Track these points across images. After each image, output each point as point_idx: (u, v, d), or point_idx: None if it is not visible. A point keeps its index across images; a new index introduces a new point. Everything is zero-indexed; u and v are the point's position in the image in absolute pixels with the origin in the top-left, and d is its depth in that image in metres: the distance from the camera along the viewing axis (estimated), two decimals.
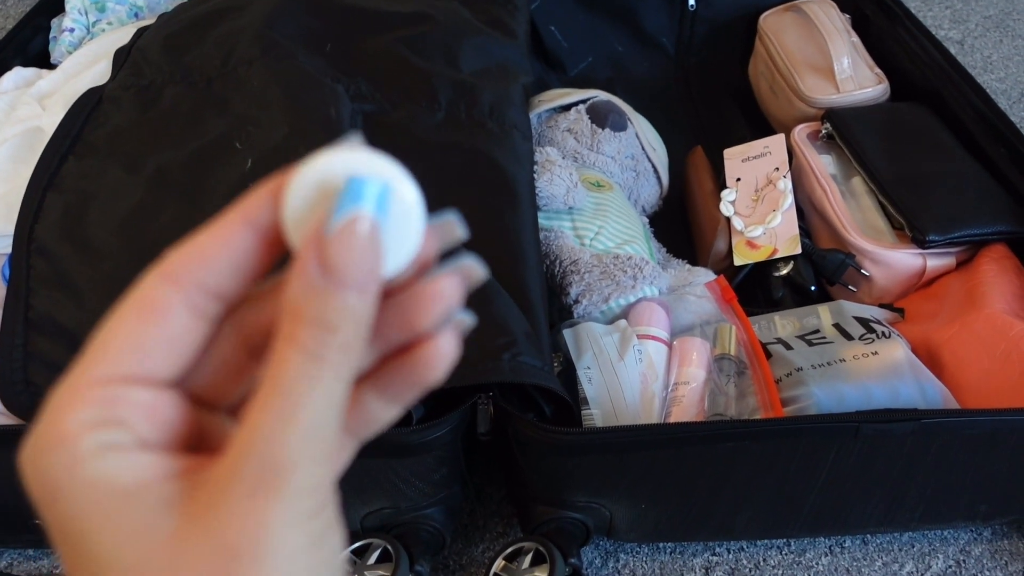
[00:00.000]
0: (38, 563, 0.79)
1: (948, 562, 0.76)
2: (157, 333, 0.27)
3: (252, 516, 0.25)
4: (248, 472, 0.26)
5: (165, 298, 0.27)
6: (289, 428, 0.26)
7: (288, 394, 0.26)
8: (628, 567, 0.77)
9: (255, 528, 0.25)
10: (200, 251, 0.27)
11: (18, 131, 0.94)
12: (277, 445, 0.26)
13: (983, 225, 0.87)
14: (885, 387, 0.75)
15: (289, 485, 0.26)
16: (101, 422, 0.26)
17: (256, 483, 0.25)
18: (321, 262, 0.26)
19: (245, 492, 0.25)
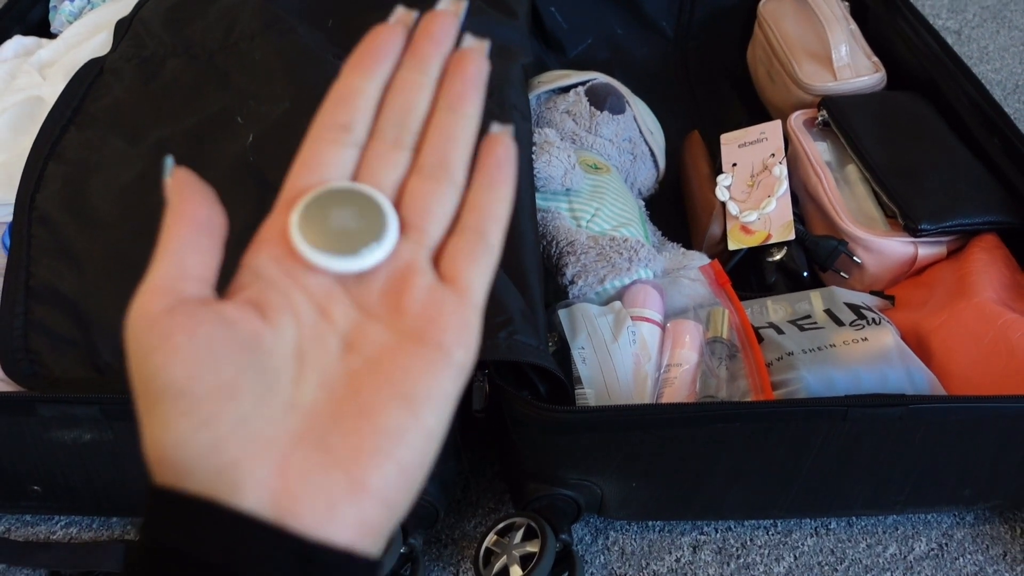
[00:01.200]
0: (35, 529, 0.80)
1: (931, 545, 0.77)
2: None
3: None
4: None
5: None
6: None
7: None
8: (617, 544, 0.78)
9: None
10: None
11: (18, 100, 0.94)
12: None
13: (974, 215, 0.88)
14: (874, 372, 0.76)
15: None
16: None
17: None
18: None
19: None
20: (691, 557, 0.77)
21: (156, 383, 0.30)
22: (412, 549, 0.73)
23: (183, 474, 0.29)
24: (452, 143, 0.36)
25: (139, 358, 0.31)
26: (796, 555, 0.77)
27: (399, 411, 0.32)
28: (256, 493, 0.29)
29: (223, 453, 0.29)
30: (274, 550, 0.29)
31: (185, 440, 0.29)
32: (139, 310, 0.31)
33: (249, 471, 0.30)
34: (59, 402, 0.68)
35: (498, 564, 0.72)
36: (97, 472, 0.73)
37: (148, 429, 0.30)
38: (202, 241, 0.33)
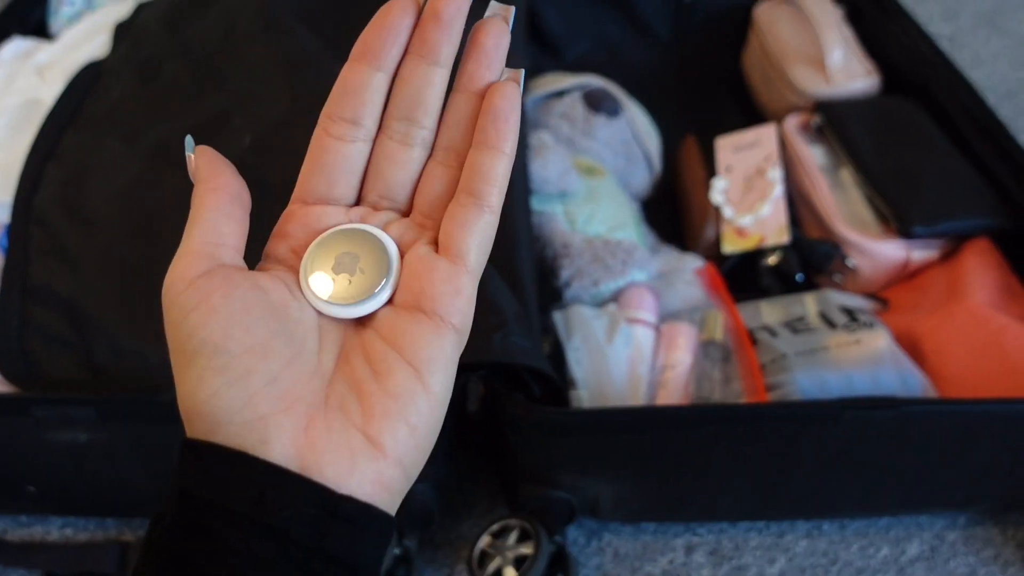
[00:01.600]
0: (31, 529, 0.80)
1: (923, 547, 0.78)
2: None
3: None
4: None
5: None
6: None
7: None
8: (611, 546, 0.79)
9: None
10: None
11: (17, 102, 0.94)
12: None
13: (967, 219, 0.89)
14: (867, 375, 0.77)
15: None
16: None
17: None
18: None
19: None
20: (685, 559, 0.78)
21: (193, 341, 0.32)
22: (407, 551, 0.73)
23: (215, 427, 0.32)
24: (467, 137, 0.37)
25: (177, 318, 0.33)
26: (789, 557, 0.77)
27: (406, 376, 0.34)
28: (283, 447, 0.32)
29: (255, 408, 0.32)
30: (301, 500, 0.31)
31: (219, 395, 0.32)
32: (177, 272, 0.33)
33: (277, 426, 0.32)
34: (54, 403, 0.68)
35: (492, 566, 0.72)
36: (93, 473, 0.73)
37: (183, 385, 0.32)
38: (235, 211, 0.35)
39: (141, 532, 0.79)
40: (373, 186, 0.38)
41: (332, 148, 0.37)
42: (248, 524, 0.30)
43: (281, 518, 0.31)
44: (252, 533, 0.30)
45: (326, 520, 0.31)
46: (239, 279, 0.33)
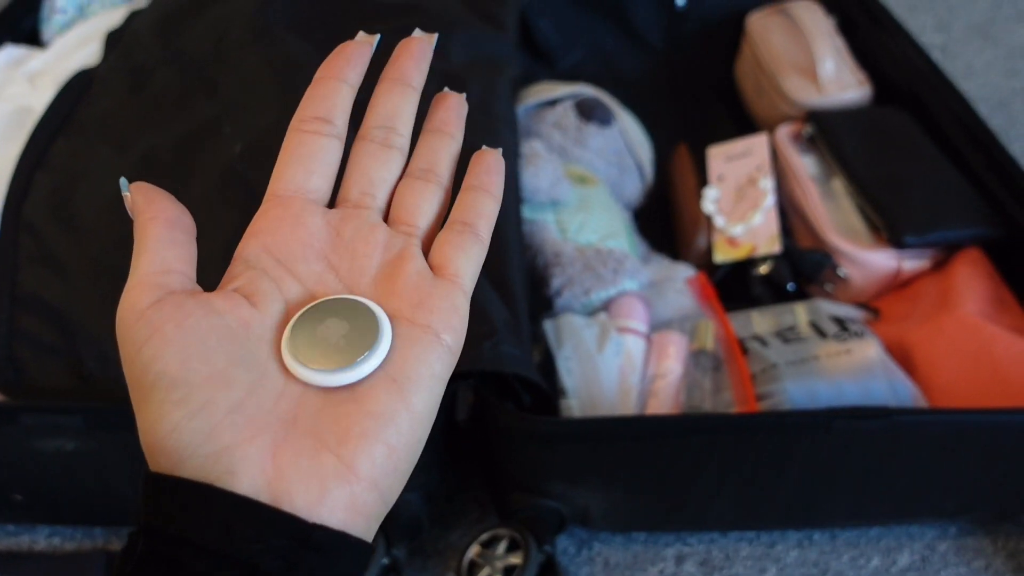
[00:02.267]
0: (18, 539, 0.80)
1: (914, 557, 0.78)
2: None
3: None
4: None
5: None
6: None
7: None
8: (601, 555, 0.78)
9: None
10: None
11: (7, 110, 0.94)
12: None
13: (959, 228, 0.89)
14: (857, 385, 0.76)
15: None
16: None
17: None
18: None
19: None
20: (675, 569, 0.77)
21: (149, 375, 0.31)
22: (395, 560, 0.73)
23: (179, 461, 0.30)
24: (438, 154, 0.40)
25: (131, 351, 0.32)
26: (780, 567, 0.77)
27: (388, 395, 0.33)
28: (251, 477, 0.30)
29: (218, 439, 0.30)
30: (270, 531, 0.30)
31: (180, 428, 0.30)
32: (127, 305, 0.32)
33: (243, 456, 0.30)
34: (42, 411, 0.68)
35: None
36: (80, 481, 0.73)
37: (143, 420, 0.31)
38: (177, 236, 0.34)
39: None
40: (356, 182, 0.38)
41: (307, 141, 0.38)
42: (218, 558, 0.29)
43: (251, 551, 0.29)
44: (222, 567, 0.29)
45: (297, 551, 0.30)
46: (192, 306, 0.33)
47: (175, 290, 0.33)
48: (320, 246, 0.37)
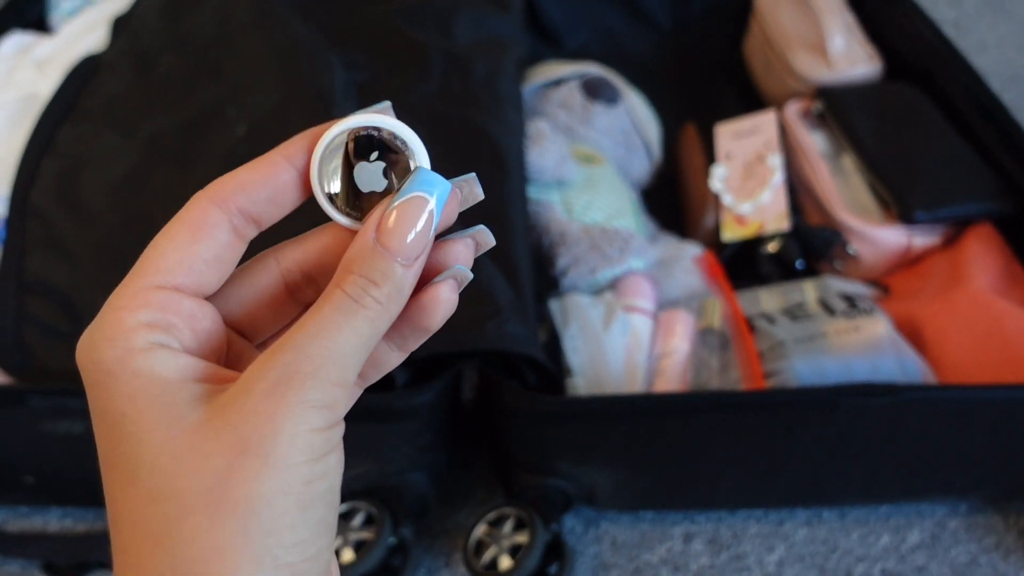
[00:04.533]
0: (31, 520, 0.80)
1: (924, 535, 0.77)
2: (205, 248, 0.31)
3: (265, 414, 0.28)
4: (271, 373, 0.29)
5: (213, 218, 0.31)
6: (316, 343, 0.29)
7: (322, 321, 0.30)
8: (609, 534, 0.78)
9: (266, 425, 0.28)
10: (245, 180, 0.31)
11: (15, 96, 0.94)
12: (302, 355, 0.29)
13: (969, 204, 0.88)
14: (866, 362, 0.76)
15: (304, 391, 0.28)
16: (154, 324, 0.30)
17: (275, 384, 0.28)
18: (379, 230, 0.31)
19: (264, 390, 0.28)
20: (683, 547, 0.77)
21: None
22: (403, 540, 0.73)
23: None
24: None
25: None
26: (788, 545, 0.77)
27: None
28: None
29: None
30: None
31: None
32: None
33: None
34: (49, 393, 0.68)
35: (488, 555, 0.72)
36: (89, 463, 0.72)
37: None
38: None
39: None
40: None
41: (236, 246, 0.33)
42: None
43: None
44: None
45: None
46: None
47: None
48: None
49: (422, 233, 0.31)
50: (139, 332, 0.29)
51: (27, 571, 0.77)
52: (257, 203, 0.32)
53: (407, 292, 0.31)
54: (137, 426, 0.29)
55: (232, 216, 0.31)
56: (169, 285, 0.30)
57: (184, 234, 0.31)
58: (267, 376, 0.29)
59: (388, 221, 0.31)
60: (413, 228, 0.31)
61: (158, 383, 0.29)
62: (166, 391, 0.29)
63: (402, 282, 0.31)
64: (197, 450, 0.28)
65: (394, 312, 0.31)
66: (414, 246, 0.31)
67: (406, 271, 0.31)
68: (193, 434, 0.28)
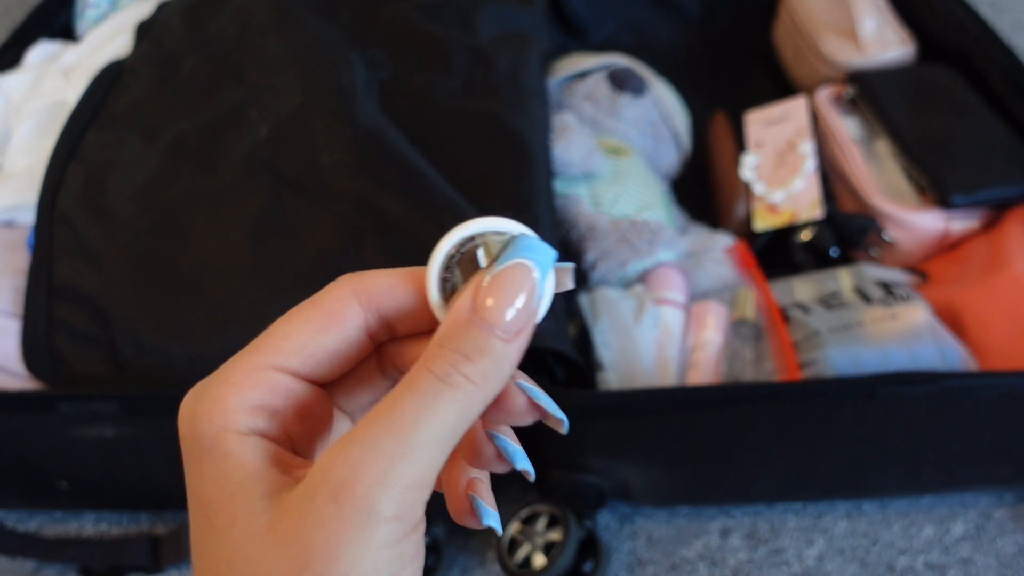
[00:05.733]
0: (66, 525, 0.81)
1: (968, 525, 0.75)
2: (333, 340, 0.29)
3: (327, 527, 0.25)
4: (335, 474, 0.26)
5: (350, 311, 0.29)
6: (389, 438, 0.26)
7: (400, 408, 0.26)
8: (644, 530, 0.77)
9: (328, 540, 0.25)
10: (395, 285, 0.30)
11: (43, 104, 0.95)
12: (372, 452, 0.26)
13: (1009, 187, 0.85)
14: (904, 350, 0.74)
15: (371, 500, 0.25)
16: (260, 407, 0.28)
17: (339, 488, 0.25)
18: (475, 299, 0.27)
19: (328, 495, 0.25)
20: (720, 542, 0.76)
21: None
22: (435, 539, 0.72)
23: None
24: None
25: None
26: (828, 538, 0.75)
27: None
28: None
29: None
30: None
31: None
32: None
33: None
34: (79, 399, 0.69)
35: (522, 553, 0.71)
36: (122, 467, 0.73)
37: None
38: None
39: (172, 525, 0.79)
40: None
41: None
42: None
43: None
44: None
45: None
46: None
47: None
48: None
49: (525, 303, 0.28)
50: (241, 414, 0.28)
51: (64, 575, 0.77)
52: (399, 311, 0.30)
53: (507, 371, 0.28)
54: (220, 518, 0.27)
55: (369, 315, 0.30)
56: (286, 368, 0.29)
57: (316, 320, 0.29)
58: (331, 478, 0.26)
59: (486, 290, 0.28)
60: (515, 297, 0.28)
61: (244, 470, 0.27)
62: (251, 481, 0.27)
63: (502, 359, 0.27)
64: (265, 558, 0.26)
65: (491, 394, 0.28)
66: (517, 318, 0.27)
67: (507, 346, 0.27)
68: (264, 537, 0.26)
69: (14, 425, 0.72)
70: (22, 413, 0.71)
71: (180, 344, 0.71)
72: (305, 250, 0.72)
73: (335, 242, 0.73)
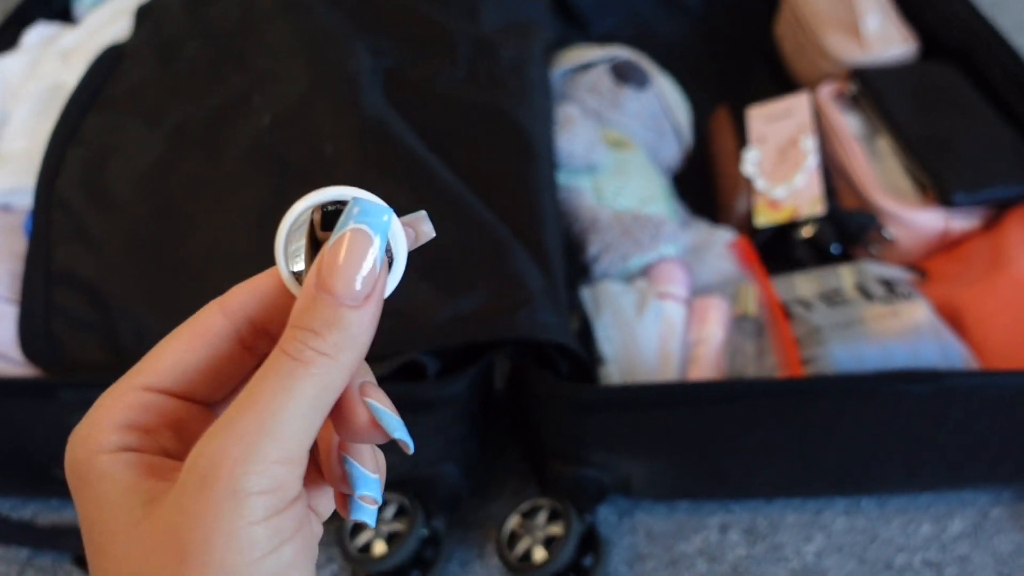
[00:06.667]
0: (61, 513, 0.80)
1: (966, 523, 0.75)
2: (200, 357, 0.30)
3: (197, 513, 0.26)
4: (200, 463, 0.26)
5: (216, 326, 0.30)
6: (247, 419, 0.27)
7: (257, 391, 0.27)
8: (644, 525, 0.77)
9: (198, 526, 0.26)
10: (253, 285, 0.30)
11: (41, 87, 0.94)
12: (231, 436, 0.26)
13: (1010, 185, 0.85)
14: (906, 348, 0.74)
15: (235, 479, 0.26)
16: (130, 425, 0.29)
17: (204, 475, 0.26)
18: (318, 274, 0.28)
19: (194, 483, 0.26)
20: (719, 537, 0.76)
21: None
22: (435, 532, 0.72)
23: None
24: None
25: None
26: (827, 534, 0.75)
27: None
28: None
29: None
30: None
31: None
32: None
33: None
34: (78, 386, 0.68)
35: (522, 546, 0.71)
36: None
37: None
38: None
39: None
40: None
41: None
42: None
43: None
44: None
45: None
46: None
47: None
48: None
49: (369, 268, 0.28)
50: (111, 434, 0.29)
51: (59, 563, 0.77)
52: (271, 310, 0.30)
53: (361, 338, 0.28)
54: (103, 537, 0.27)
55: (239, 325, 0.30)
56: (157, 387, 0.29)
57: (184, 339, 0.30)
58: (197, 467, 0.26)
59: (325, 263, 0.28)
60: (353, 264, 0.28)
61: (119, 487, 0.28)
62: (126, 495, 0.28)
63: (352, 327, 0.28)
64: (147, 561, 0.26)
65: (350, 361, 0.28)
66: (363, 284, 0.28)
67: (356, 312, 0.28)
68: (142, 542, 0.27)
69: (12, 412, 0.71)
70: (21, 400, 0.70)
71: None
72: None
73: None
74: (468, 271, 0.70)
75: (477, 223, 0.73)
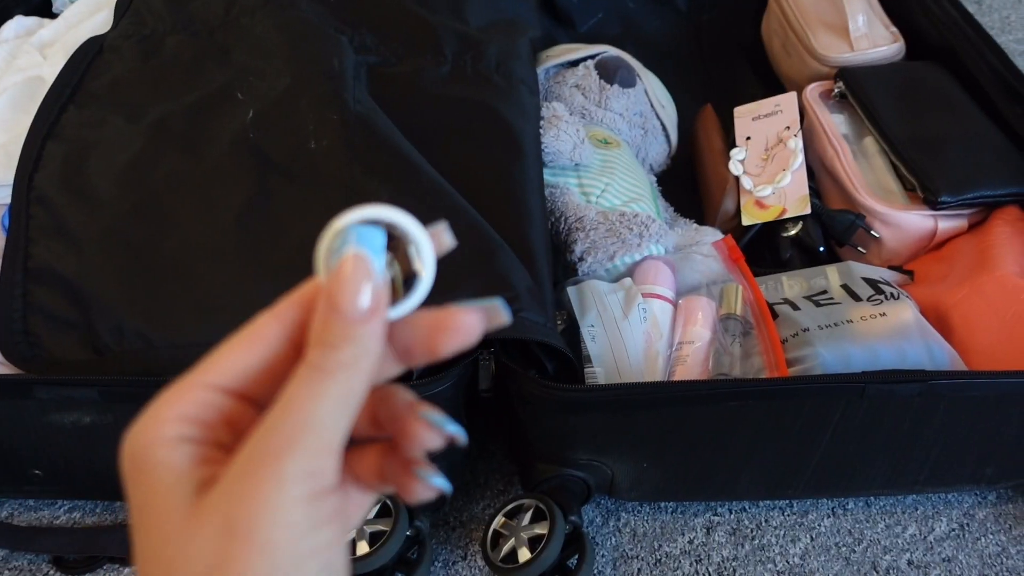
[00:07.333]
0: (38, 514, 0.79)
1: (952, 525, 0.75)
2: (257, 357, 0.33)
3: (244, 493, 0.29)
4: (249, 455, 0.30)
5: (268, 329, 0.33)
6: (286, 419, 0.30)
7: (291, 396, 0.31)
8: (629, 526, 0.77)
9: (245, 504, 0.29)
10: (299, 297, 0.33)
11: (19, 80, 0.92)
12: (273, 432, 0.30)
13: (996, 186, 0.85)
14: (892, 348, 0.74)
15: (281, 463, 0.29)
16: (188, 418, 0.31)
17: (249, 461, 0.30)
18: (327, 296, 0.32)
19: (241, 469, 0.30)
20: (704, 539, 0.76)
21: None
22: (419, 532, 0.71)
23: None
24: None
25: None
26: (812, 536, 0.75)
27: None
28: None
29: None
30: None
31: None
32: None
33: None
34: (57, 384, 0.67)
35: (506, 547, 0.70)
36: (98, 455, 0.72)
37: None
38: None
39: None
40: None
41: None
42: None
43: None
44: None
45: None
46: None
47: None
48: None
49: (368, 287, 0.32)
50: (170, 424, 0.31)
51: (36, 564, 0.75)
52: (310, 315, 0.33)
53: (373, 347, 0.32)
54: (154, 520, 0.30)
55: (290, 330, 0.33)
56: (216, 385, 0.32)
57: (243, 342, 0.33)
58: (241, 457, 0.30)
59: (330, 287, 0.32)
60: (353, 285, 0.31)
61: (174, 472, 0.30)
62: (180, 479, 0.30)
63: (363, 339, 0.32)
64: (192, 538, 0.29)
65: (367, 367, 0.32)
66: (365, 302, 0.31)
67: (363, 325, 0.31)
68: (188, 521, 0.29)
69: None
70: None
71: (162, 330, 0.69)
72: (292, 236, 0.71)
73: (323, 229, 0.72)
74: (453, 269, 0.69)
75: (463, 221, 0.72)
